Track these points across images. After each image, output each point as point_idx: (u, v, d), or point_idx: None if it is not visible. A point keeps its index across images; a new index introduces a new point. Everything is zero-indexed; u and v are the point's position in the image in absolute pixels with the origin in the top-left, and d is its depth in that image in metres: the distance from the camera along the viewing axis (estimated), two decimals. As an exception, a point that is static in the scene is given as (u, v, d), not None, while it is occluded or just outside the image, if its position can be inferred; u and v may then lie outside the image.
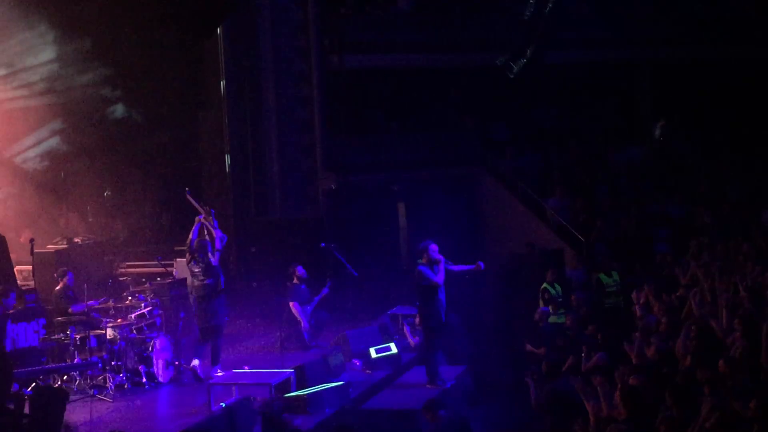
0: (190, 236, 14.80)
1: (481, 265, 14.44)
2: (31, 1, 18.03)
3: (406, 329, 16.91)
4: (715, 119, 24.65)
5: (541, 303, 17.42)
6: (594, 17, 25.14)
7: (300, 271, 16.62)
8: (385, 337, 16.40)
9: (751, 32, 25.09)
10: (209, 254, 14.63)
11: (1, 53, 18.40)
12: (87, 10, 18.42)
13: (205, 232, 14.88)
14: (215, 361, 14.83)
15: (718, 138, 24.33)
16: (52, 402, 12.37)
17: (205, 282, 14.60)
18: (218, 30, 21.20)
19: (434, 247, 14.10)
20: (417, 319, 15.77)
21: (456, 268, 14.36)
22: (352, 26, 23.07)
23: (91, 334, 14.55)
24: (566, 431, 10.91)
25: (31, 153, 19.39)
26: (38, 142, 19.40)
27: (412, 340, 16.62)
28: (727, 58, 25.05)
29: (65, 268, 15.66)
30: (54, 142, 19.51)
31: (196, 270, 14.66)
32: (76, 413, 12.83)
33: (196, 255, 14.65)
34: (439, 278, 14.01)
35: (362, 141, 23.09)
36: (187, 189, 15.35)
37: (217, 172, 21.71)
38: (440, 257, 14.05)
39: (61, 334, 14.52)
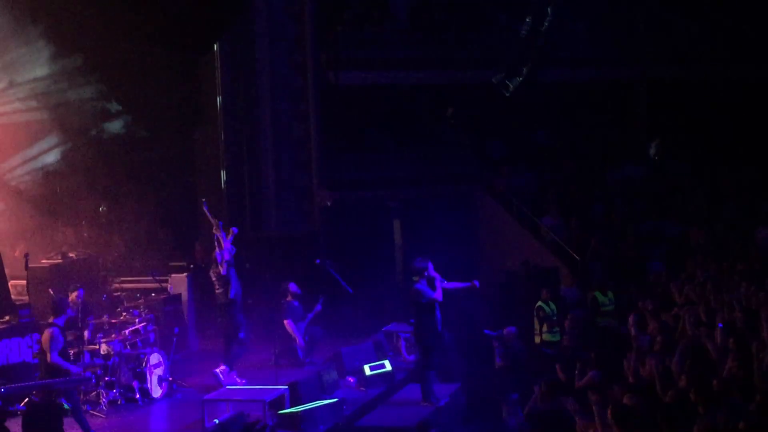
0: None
1: (476, 283, 14.47)
2: (27, 16, 18.04)
3: (401, 345, 16.86)
4: (710, 138, 24.69)
5: (535, 321, 17.41)
6: (590, 36, 25.23)
7: (293, 287, 16.63)
8: (379, 354, 16.37)
9: (747, 51, 25.16)
10: (219, 265, 15.05)
11: (-3, 68, 18.45)
12: (83, 26, 18.44)
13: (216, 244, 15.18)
14: (227, 362, 15.09)
15: (713, 157, 24.37)
16: (48, 417, 12.35)
17: (217, 291, 15.34)
18: (215, 46, 21.25)
19: (429, 264, 14.17)
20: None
21: (450, 285, 14.38)
22: (349, 43, 23.12)
23: (85, 349, 14.52)
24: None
25: (27, 168, 19.38)
26: (33, 157, 19.40)
27: (407, 357, 16.58)
28: (723, 77, 25.13)
29: (78, 284, 15.57)
30: (49, 157, 19.51)
31: (213, 280, 15.38)
32: (69, 429, 12.79)
33: (212, 266, 15.38)
34: (438, 294, 14.04)
35: (358, 157, 23.10)
36: (204, 200, 15.75)
37: (212, 187, 21.69)
38: (435, 274, 14.10)
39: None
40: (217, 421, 12.96)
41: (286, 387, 14.02)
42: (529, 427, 13.13)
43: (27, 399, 13.46)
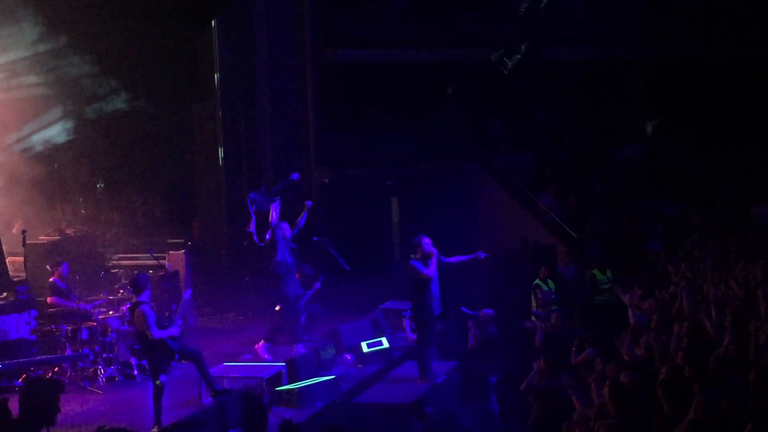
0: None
1: (481, 254, 14.40)
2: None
3: (405, 323, 16.76)
4: (709, 118, 24.66)
5: (533, 299, 17.42)
6: (590, 14, 25.15)
7: (307, 270, 16.67)
8: (377, 331, 16.39)
9: (747, 32, 25.11)
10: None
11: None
12: (80, 2, 18.36)
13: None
14: (268, 339, 15.16)
15: (713, 137, 24.35)
16: (46, 393, 12.34)
17: None
18: (213, 22, 21.18)
19: (427, 240, 14.09)
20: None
21: (454, 260, 14.34)
22: (348, 20, 23.05)
23: (83, 326, 14.54)
24: (554, 427, 10.91)
25: (24, 145, 19.35)
26: (31, 134, 19.37)
27: (410, 336, 16.50)
28: (723, 58, 25.07)
29: (60, 259, 15.61)
30: (46, 134, 19.48)
31: None
32: (67, 405, 12.78)
33: None
34: (431, 271, 13.97)
35: (356, 136, 23.07)
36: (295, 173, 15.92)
37: (210, 164, 21.69)
38: (433, 250, 14.04)
39: (53, 326, 14.50)
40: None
41: (284, 364, 14.05)
42: (527, 403, 13.15)
43: (25, 375, 13.48)
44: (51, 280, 15.32)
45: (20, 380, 13.30)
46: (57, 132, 19.53)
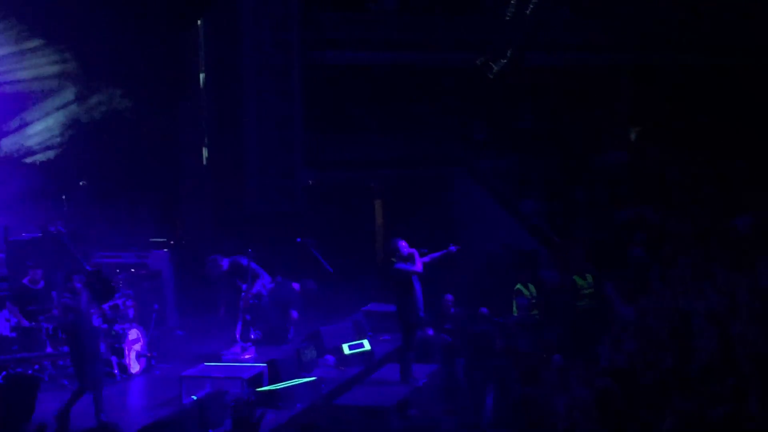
0: None
1: (453, 248, 14.49)
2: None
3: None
4: (694, 125, 24.74)
5: (514, 303, 17.44)
6: (575, 20, 25.22)
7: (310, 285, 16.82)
8: (358, 333, 16.40)
9: (733, 39, 25.21)
10: None
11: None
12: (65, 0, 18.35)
13: None
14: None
15: (697, 144, 24.42)
16: (24, 389, 12.35)
17: None
18: (199, 22, 21.15)
19: (403, 243, 14.21)
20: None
21: (426, 259, 14.41)
22: (334, 22, 23.06)
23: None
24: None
25: (7, 140, 19.28)
26: (14, 130, 19.29)
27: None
28: (709, 65, 25.16)
29: (35, 264, 15.44)
30: (31, 130, 19.41)
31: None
32: (46, 403, 12.79)
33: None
34: (418, 266, 14.08)
35: (341, 137, 23.08)
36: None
37: (195, 164, 21.65)
38: (411, 250, 14.15)
39: (33, 323, 14.44)
40: (194, 397, 12.98)
41: (265, 365, 14.05)
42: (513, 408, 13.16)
43: (4, 372, 13.43)
44: (22, 281, 15.24)
45: (-1, 377, 13.25)
46: (41, 129, 19.46)
